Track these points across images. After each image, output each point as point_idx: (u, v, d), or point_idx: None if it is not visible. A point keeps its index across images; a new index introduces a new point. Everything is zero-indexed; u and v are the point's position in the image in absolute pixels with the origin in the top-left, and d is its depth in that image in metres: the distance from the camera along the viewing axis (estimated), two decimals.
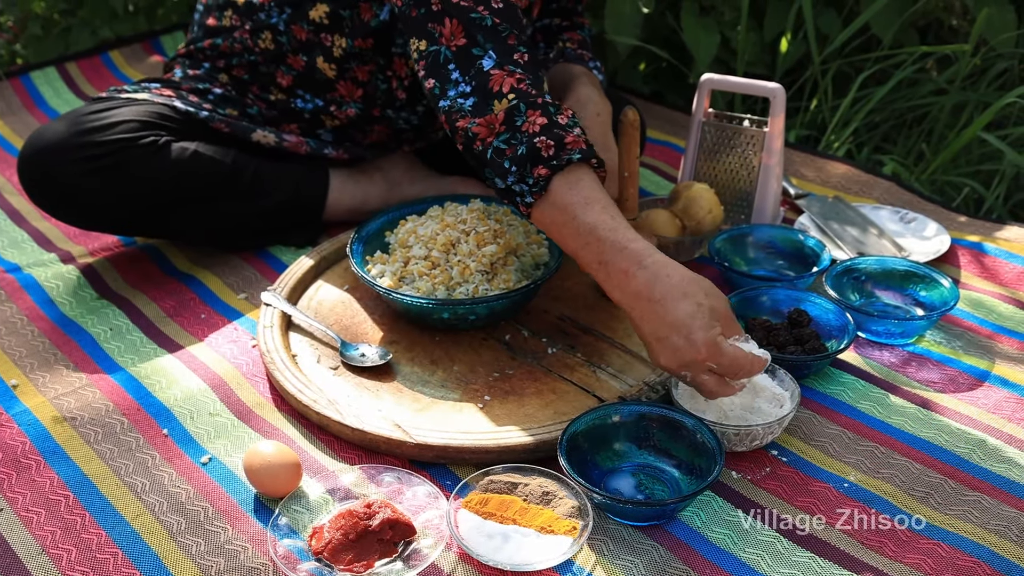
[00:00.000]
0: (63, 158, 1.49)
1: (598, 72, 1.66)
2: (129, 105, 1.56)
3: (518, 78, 1.25)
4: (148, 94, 1.61)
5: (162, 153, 1.51)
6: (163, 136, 1.53)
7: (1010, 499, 1.14)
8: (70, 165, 1.49)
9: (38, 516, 1.14)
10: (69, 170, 1.49)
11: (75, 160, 1.48)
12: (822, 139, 2.07)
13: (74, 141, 1.49)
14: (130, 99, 1.58)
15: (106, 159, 1.49)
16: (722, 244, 1.56)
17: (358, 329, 1.43)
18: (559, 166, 1.20)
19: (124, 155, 1.49)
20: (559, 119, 1.23)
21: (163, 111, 1.58)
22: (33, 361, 1.40)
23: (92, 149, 1.49)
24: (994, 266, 1.58)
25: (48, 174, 1.50)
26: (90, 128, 1.50)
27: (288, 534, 1.08)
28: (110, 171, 1.49)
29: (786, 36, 2.11)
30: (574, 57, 1.66)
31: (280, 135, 1.64)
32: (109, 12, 2.56)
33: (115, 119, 1.52)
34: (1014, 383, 1.33)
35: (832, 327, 1.37)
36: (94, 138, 1.49)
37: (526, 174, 1.21)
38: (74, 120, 1.52)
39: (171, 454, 1.23)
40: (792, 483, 1.17)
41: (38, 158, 1.50)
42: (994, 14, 2.03)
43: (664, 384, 1.27)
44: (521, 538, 1.07)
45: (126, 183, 1.50)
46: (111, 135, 1.50)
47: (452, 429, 1.22)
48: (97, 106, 1.56)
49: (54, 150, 1.49)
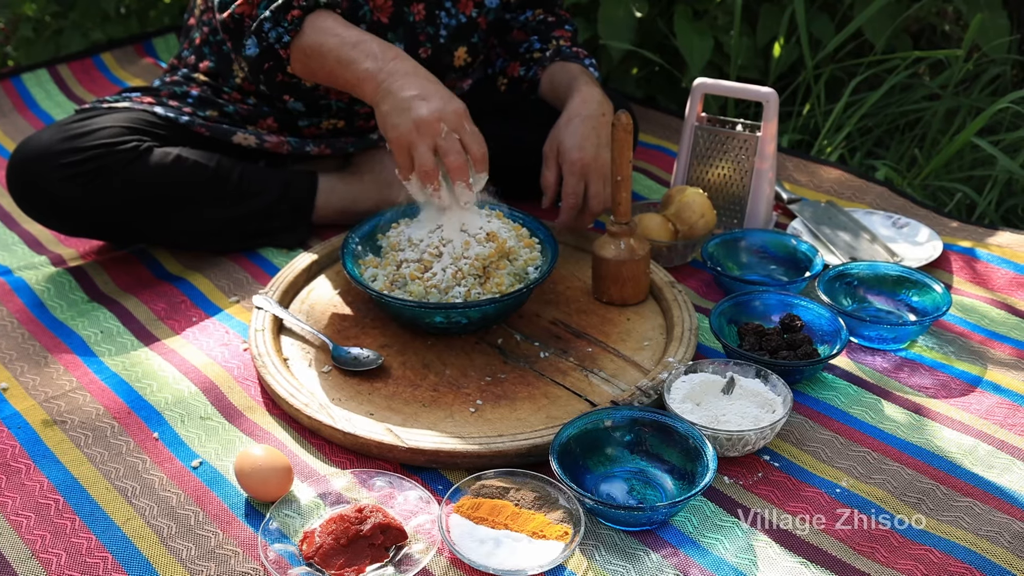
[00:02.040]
0: (47, 165, 1.51)
1: (594, 69, 1.67)
2: (111, 113, 1.59)
3: None
4: (130, 102, 1.64)
5: (144, 158, 1.53)
6: (145, 141, 1.55)
7: (1002, 505, 1.14)
8: (53, 172, 1.51)
9: (28, 520, 1.13)
10: (52, 177, 1.51)
11: (58, 167, 1.50)
12: (815, 144, 2.07)
13: (56, 148, 1.51)
14: (112, 107, 1.62)
15: (88, 164, 1.50)
16: (715, 249, 1.56)
17: (350, 332, 1.42)
18: (309, 7, 1.43)
19: (105, 160, 1.51)
20: None
21: (145, 117, 1.60)
22: (23, 364, 1.40)
23: (74, 155, 1.51)
24: (986, 272, 1.58)
25: (34, 182, 1.52)
26: (72, 135, 1.53)
27: (279, 539, 1.08)
28: (92, 176, 1.51)
29: (779, 41, 2.11)
30: (571, 55, 1.68)
31: (260, 136, 1.65)
32: (101, 14, 2.55)
33: (96, 126, 1.55)
34: (1006, 388, 1.33)
35: (824, 332, 1.38)
36: (75, 144, 1.51)
37: (281, 19, 1.43)
38: (57, 129, 1.55)
39: (162, 458, 1.22)
40: (784, 488, 1.17)
41: (24, 167, 1.53)
42: (987, 20, 2.04)
43: (657, 389, 1.27)
44: (513, 543, 1.06)
45: (108, 188, 1.52)
46: (92, 141, 1.52)
47: (444, 433, 1.22)
48: (80, 116, 1.59)
49: (38, 158, 1.51)
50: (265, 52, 1.46)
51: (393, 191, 1.70)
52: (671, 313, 1.43)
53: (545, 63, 1.68)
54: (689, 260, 1.63)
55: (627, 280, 1.45)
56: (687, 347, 1.35)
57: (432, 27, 1.62)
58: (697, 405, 1.23)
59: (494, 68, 1.78)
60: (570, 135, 1.50)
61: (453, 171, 1.35)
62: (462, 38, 1.66)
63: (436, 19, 1.62)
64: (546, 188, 1.55)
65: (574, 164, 1.49)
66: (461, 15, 1.64)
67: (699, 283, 1.58)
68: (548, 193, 1.55)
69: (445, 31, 1.63)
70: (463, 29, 1.65)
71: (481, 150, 1.37)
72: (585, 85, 1.57)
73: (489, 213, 1.46)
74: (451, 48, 1.65)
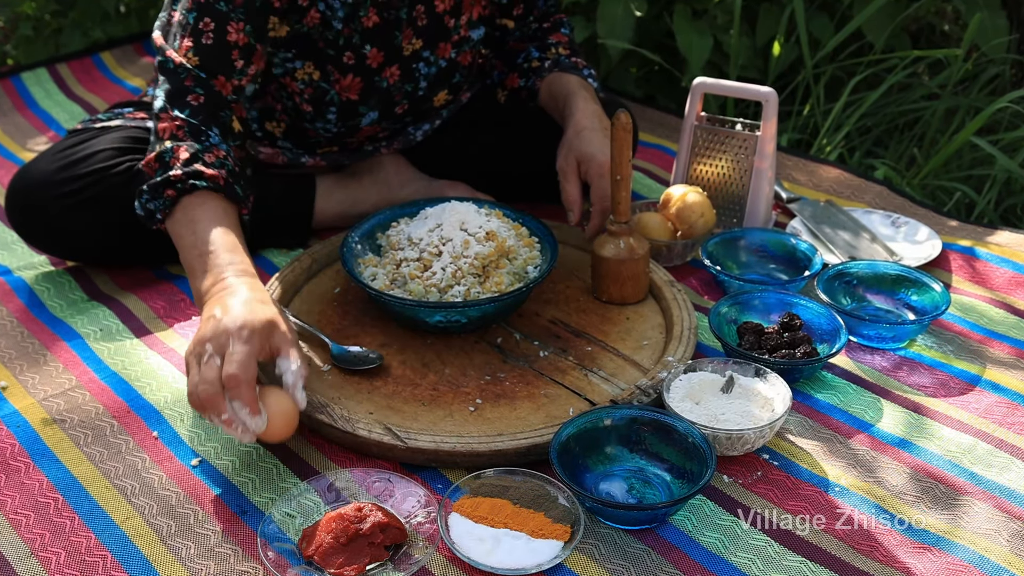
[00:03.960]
0: (46, 195, 1.50)
1: (592, 80, 1.65)
2: (104, 134, 1.58)
3: (178, 125, 1.33)
4: (122, 120, 1.62)
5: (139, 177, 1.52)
6: (139, 161, 1.53)
7: (1000, 503, 1.14)
8: (53, 202, 1.50)
9: (27, 519, 1.13)
10: (52, 207, 1.50)
11: (57, 196, 1.50)
12: (814, 143, 2.07)
13: (54, 178, 1.51)
14: (104, 128, 1.60)
15: (87, 192, 1.50)
16: (714, 248, 1.56)
17: (349, 331, 1.42)
18: (184, 190, 1.29)
19: (103, 185, 1.50)
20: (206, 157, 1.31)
21: (138, 134, 1.59)
22: (22, 363, 1.40)
23: (72, 184, 1.50)
24: (985, 271, 1.58)
25: (34, 213, 1.52)
26: (68, 163, 1.52)
27: (279, 537, 1.08)
28: (92, 203, 1.50)
29: (778, 40, 2.11)
30: (569, 66, 1.64)
31: (255, 147, 1.64)
32: (101, 13, 2.55)
33: (90, 150, 1.54)
34: (1005, 387, 1.33)
35: (823, 331, 1.38)
36: (72, 172, 1.51)
37: (158, 194, 1.30)
38: (53, 157, 1.54)
39: (161, 456, 1.22)
40: (783, 487, 1.17)
41: (23, 196, 1.52)
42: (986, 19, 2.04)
43: (656, 388, 1.27)
44: (512, 542, 1.06)
45: (109, 213, 1.51)
46: (88, 167, 1.51)
47: (443, 432, 1.22)
48: (73, 139, 1.57)
49: (37, 188, 1.51)
50: (147, 219, 1.33)
51: (392, 193, 1.70)
52: (670, 312, 1.43)
53: (543, 73, 1.65)
54: (688, 259, 1.63)
55: (626, 279, 1.45)
56: (686, 346, 1.35)
57: (410, 84, 1.57)
58: (696, 404, 1.23)
59: (493, 80, 1.75)
60: (587, 143, 1.48)
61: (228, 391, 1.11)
62: (442, 83, 1.61)
63: (414, 74, 1.57)
64: (572, 204, 1.50)
65: (602, 167, 1.46)
66: (441, 60, 1.58)
67: (698, 282, 1.58)
68: (576, 208, 1.51)
69: (425, 82, 1.58)
70: (443, 74, 1.60)
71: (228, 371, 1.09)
72: (584, 101, 1.55)
73: (489, 212, 1.46)
74: (430, 96, 1.62)
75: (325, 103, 1.53)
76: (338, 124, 1.57)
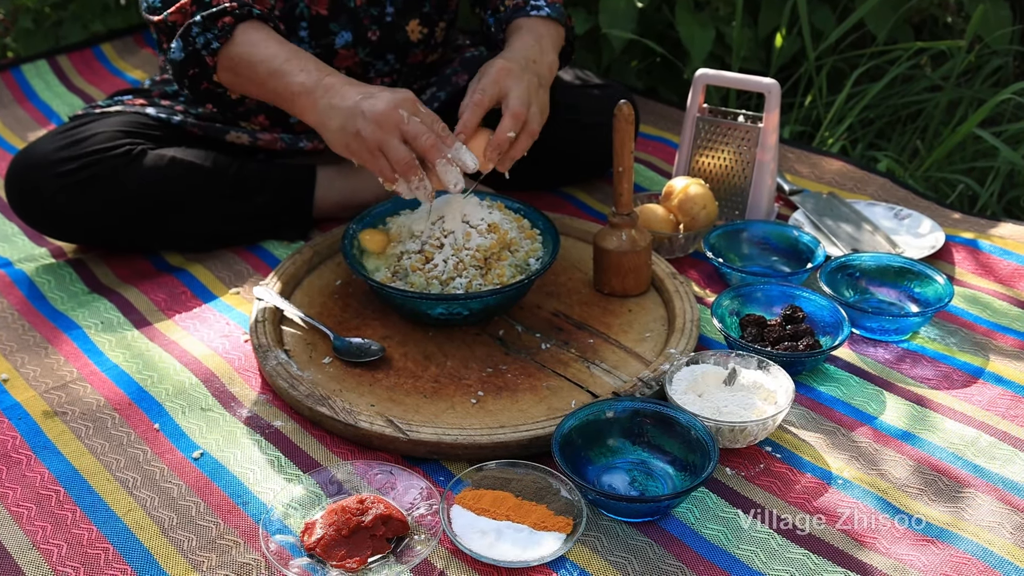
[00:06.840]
0: (44, 175, 1.51)
1: (548, 7, 1.55)
2: (104, 118, 1.59)
3: None
4: (122, 106, 1.64)
5: (138, 161, 1.53)
6: (139, 145, 1.55)
7: (1004, 496, 1.14)
8: (51, 181, 1.51)
9: (28, 511, 1.13)
10: (50, 186, 1.51)
11: (55, 176, 1.51)
12: (816, 135, 2.07)
13: (52, 158, 1.52)
14: (104, 112, 1.62)
15: (83, 172, 1.51)
16: (716, 240, 1.56)
17: (351, 323, 1.42)
18: (241, 16, 1.39)
19: (100, 166, 1.51)
20: None
21: (138, 120, 1.60)
22: (24, 355, 1.40)
23: (69, 163, 1.51)
24: (988, 263, 1.58)
25: (31, 193, 1.53)
26: (67, 143, 1.53)
27: (280, 529, 1.08)
28: (88, 184, 1.51)
29: (781, 32, 2.10)
30: (511, 14, 1.57)
31: (253, 134, 1.64)
32: (101, 6, 2.55)
33: (89, 132, 1.55)
34: (1008, 380, 1.33)
35: (826, 323, 1.37)
36: (71, 152, 1.52)
37: (211, 25, 1.38)
38: (53, 138, 1.55)
39: (162, 449, 1.22)
40: (786, 480, 1.17)
41: (22, 177, 1.54)
42: (989, 11, 2.03)
43: (658, 380, 1.27)
44: (514, 534, 1.06)
45: (105, 194, 1.52)
46: (86, 148, 1.52)
47: (445, 425, 1.21)
48: (74, 123, 1.59)
49: (35, 168, 1.52)
50: (190, 57, 1.40)
51: None
52: (673, 304, 1.42)
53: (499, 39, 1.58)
54: (691, 251, 1.62)
55: (628, 271, 1.45)
56: (689, 338, 1.35)
57: (376, 8, 1.57)
58: (699, 396, 1.23)
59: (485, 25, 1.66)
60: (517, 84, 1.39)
61: (428, 151, 1.29)
62: (412, 10, 1.60)
63: None
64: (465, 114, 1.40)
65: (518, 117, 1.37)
66: None
67: (701, 274, 1.58)
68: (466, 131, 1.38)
69: (392, 7, 1.58)
70: (411, 1, 1.59)
71: (443, 125, 1.31)
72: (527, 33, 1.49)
73: (491, 204, 1.46)
74: (401, 24, 1.60)
75: (296, 17, 1.54)
76: (311, 43, 1.57)
